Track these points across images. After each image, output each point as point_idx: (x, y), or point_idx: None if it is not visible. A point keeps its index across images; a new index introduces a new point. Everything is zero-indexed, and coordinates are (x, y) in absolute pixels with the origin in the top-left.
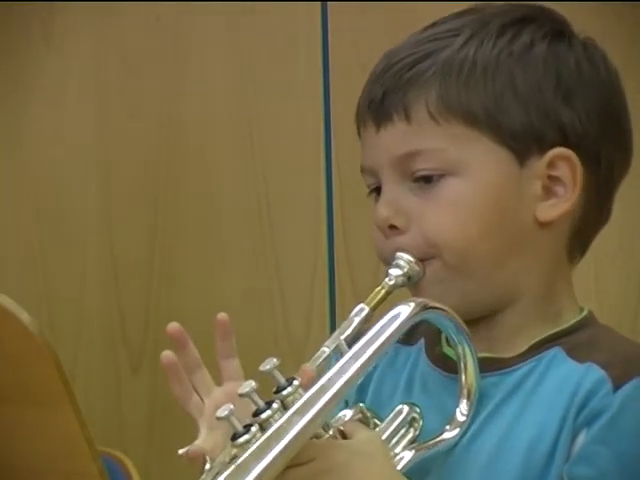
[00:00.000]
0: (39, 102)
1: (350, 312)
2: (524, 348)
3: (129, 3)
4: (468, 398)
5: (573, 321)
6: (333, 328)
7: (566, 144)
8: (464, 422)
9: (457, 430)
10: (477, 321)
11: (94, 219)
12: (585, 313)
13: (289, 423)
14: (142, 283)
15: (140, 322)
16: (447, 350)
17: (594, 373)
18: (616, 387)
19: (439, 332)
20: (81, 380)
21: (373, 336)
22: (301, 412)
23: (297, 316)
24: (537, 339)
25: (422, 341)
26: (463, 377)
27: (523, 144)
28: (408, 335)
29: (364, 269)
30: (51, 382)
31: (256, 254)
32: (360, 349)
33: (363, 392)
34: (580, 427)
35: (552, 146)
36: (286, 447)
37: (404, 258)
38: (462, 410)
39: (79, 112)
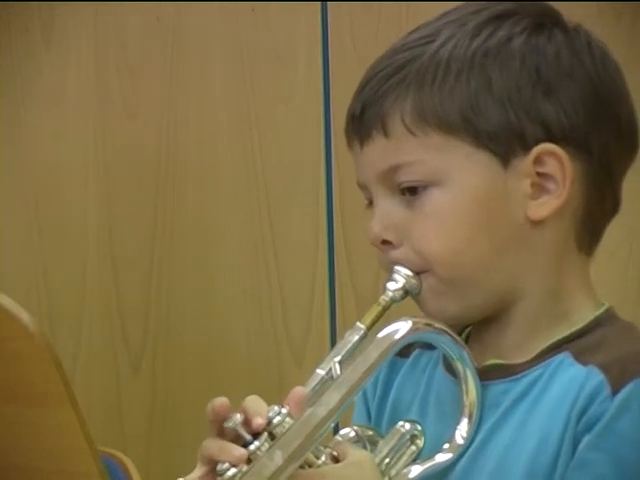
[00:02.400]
0: (39, 102)
1: (348, 320)
2: (535, 353)
3: (129, 3)
4: (469, 418)
5: (586, 322)
6: (333, 328)
7: (551, 139)
8: (461, 445)
9: (450, 455)
10: (488, 327)
11: (94, 219)
12: (602, 310)
13: (271, 459)
14: (142, 283)
15: (140, 322)
16: (448, 357)
17: (594, 377)
18: (614, 391)
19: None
20: (81, 380)
21: (361, 361)
22: (284, 447)
23: (297, 316)
24: (548, 343)
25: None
26: (465, 396)
27: (504, 145)
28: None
29: (364, 269)
30: (51, 382)
31: (256, 254)
32: (347, 376)
33: (383, 400)
34: (581, 434)
35: (536, 143)
36: None
37: (401, 272)
38: (462, 432)
39: (79, 112)
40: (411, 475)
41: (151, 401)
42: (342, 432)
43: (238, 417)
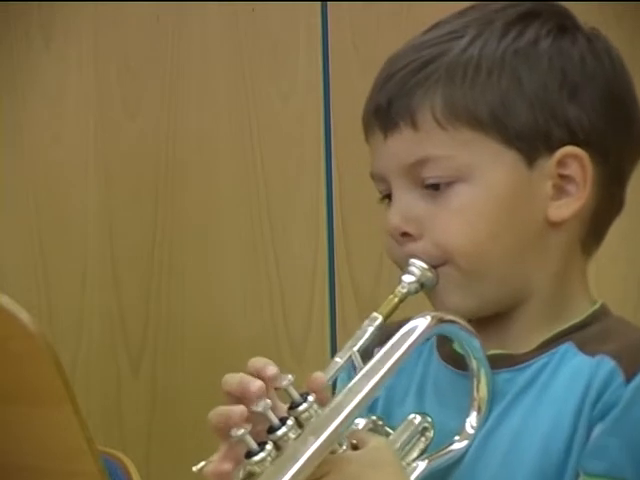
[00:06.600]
0: (39, 102)
1: (348, 318)
2: (535, 344)
3: (129, 3)
4: (479, 411)
5: (584, 315)
6: (333, 328)
7: (574, 141)
8: (473, 434)
9: (466, 442)
10: (489, 319)
11: (94, 219)
12: (597, 306)
13: (304, 443)
14: (142, 283)
15: (140, 322)
16: (458, 347)
17: (606, 365)
18: (628, 378)
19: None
20: (81, 380)
21: (388, 351)
22: (316, 432)
23: (297, 316)
24: (549, 335)
25: (433, 338)
26: (475, 390)
27: (531, 144)
28: None
29: (364, 269)
30: (51, 382)
31: (256, 254)
32: (375, 365)
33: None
34: (595, 421)
35: (560, 144)
36: (302, 468)
37: (417, 265)
38: (472, 422)
39: (79, 112)
40: (424, 467)
41: (151, 401)
42: (356, 421)
43: (268, 402)
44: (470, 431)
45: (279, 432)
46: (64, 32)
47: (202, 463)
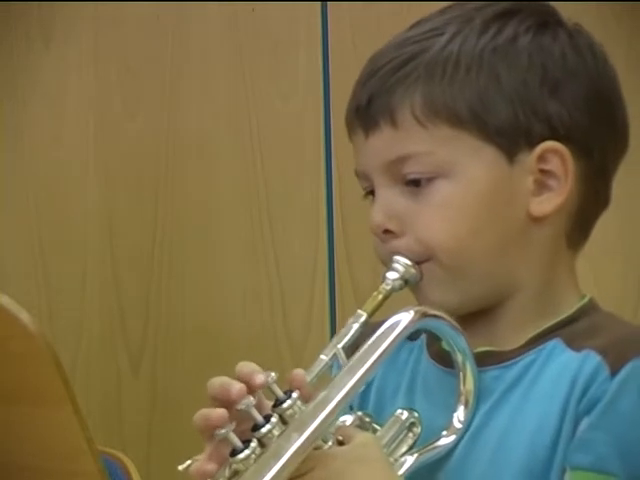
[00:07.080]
0: (39, 102)
1: (348, 318)
2: (524, 341)
3: (129, 3)
4: (466, 405)
5: (572, 310)
6: (333, 328)
7: (555, 137)
8: (461, 428)
9: (453, 437)
10: (476, 316)
11: (94, 219)
12: (585, 301)
13: (287, 440)
14: (142, 283)
15: (140, 322)
16: (446, 344)
17: (591, 360)
18: (613, 372)
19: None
20: (81, 380)
21: (371, 346)
22: (300, 429)
23: (297, 316)
24: (537, 331)
25: (423, 336)
26: (461, 384)
27: (510, 140)
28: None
29: (364, 269)
30: (51, 382)
31: (256, 254)
32: (358, 361)
33: (366, 391)
34: (582, 415)
35: (541, 140)
36: (286, 464)
37: (400, 261)
38: (459, 417)
39: (79, 112)
40: (412, 461)
41: (151, 401)
42: (343, 418)
43: (251, 400)
44: (458, 425)
45: (263, 429)
46: (64, 32)
47: (188, 462)
